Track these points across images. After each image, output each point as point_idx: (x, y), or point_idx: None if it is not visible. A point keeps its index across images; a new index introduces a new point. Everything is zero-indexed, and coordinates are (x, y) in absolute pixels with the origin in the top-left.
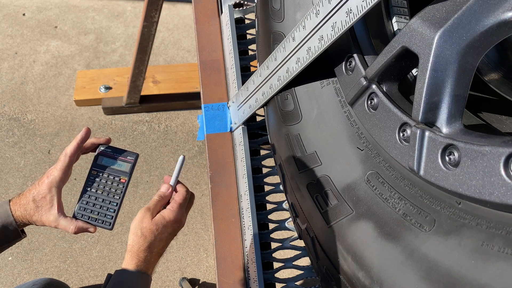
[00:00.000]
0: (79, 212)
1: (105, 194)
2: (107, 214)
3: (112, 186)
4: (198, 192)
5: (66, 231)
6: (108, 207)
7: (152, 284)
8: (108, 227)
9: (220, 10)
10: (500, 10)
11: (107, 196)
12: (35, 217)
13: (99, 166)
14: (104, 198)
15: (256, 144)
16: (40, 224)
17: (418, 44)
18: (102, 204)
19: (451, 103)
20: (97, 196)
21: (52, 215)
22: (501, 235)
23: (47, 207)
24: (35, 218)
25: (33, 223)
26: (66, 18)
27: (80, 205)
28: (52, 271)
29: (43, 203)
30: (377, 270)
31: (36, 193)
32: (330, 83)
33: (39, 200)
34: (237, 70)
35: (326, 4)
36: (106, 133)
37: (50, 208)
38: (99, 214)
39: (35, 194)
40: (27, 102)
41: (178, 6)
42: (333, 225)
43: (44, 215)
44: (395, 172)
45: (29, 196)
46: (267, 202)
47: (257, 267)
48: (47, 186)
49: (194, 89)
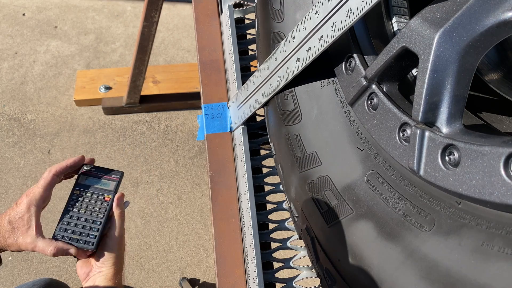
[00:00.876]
0: (59, 233)
1: (88, 214)
2: (90, 234)
3: (96, 205)
4: (198, 192)
5: (45, 253)
6: (91, 227)
7: (152, 284)
8: (90, 247)
9: (220, 10)
10: (500, 10)
11: (90, 216)
12: (10, 240)
13: (82, 186)
14: (87, 218)
15: (256, 144)
16: (15, 248)
17: (418, 44)
18: (84, 224)
19: (451, 103)
20: (79, 216)
21: (29, 236)
22: (501, 235)
23: (24, 229)
24: (9, 241)
25: (7, 248)
26: (66, 18)
27: (61, 226)
28: (52, 271)
29: (19, 224)
30: (377, 270)
31: (13, 214)
32: (330, 83)
33: (16, 221)
34: (237, 70)
35: (326, 4)
36: (106, 133)
37: (27, 230)
38: (81, 234)
39: (12, 216)
40: (27, 102)
41: (178, 6)
42: (333, 225)
43: (20, 236)
44: (395, 172)
45: (5, 218)
46: (267, 202)
47: (257, 267)
48: (25, 205)
49: (194, 89)
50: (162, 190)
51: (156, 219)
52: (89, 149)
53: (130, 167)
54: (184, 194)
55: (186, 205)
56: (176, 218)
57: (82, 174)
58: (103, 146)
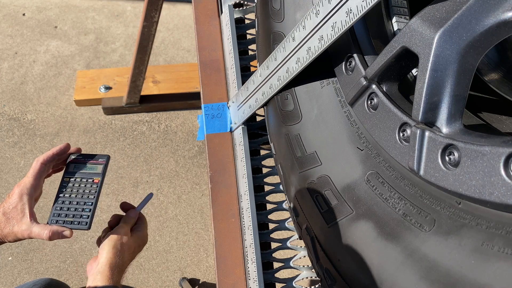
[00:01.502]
0: (53, 219)
1: (79, 197)
2: (82, 214)
3: (86, 188)
4: (198, 192)
5: (40, 237)
6: (83, 208)
7: (152, 284)
8: (84, 227)
9: (220, 10)
10: (500, 10)
11: (81, 198)
12: (6, 230)
13: (71, 173)
14: (79, 201)
15: (256, 144)
16: (12, 238)
17: (418, 44)
18: (76, 207)
19: (451, 103)
20: (71, 200)
21: (24, 223)
22: (501, 235)
23: (19, 217)
24: (6, 231)
25: (4, 238)
26: (66, 18)
27: (54, 212)
28: (52, 271)
29: (13, 214)
30: (377, 270)
31: (7, 205)
32: (330, 83)
33: (10, 212)
34: (237, 70)
35: (326, 4)
36: (106, 133)
37: (21, 218)
38: (74, 216)
39: (5, 207)
40: (27, 102)
41: (178, 6)
42: (333, 225)
43: (16, 225)
44: (395, 172)
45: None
46: (267, 202)
47: (257, 267)
48: (17, 195)
49: (194, 89)
50: (162, 190)
51: (156, 219)
52: (89, 149)
53: (130, 167)
54: (184, 194)
55: (186, 205)
56: (176, 218)
57: (70, 163)
58: (103, 146)
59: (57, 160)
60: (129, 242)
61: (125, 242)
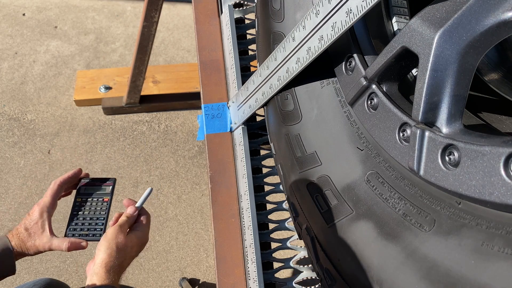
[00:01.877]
0: (69, 232)
1: (92, 213)
2: (96, 228)
3: (97, 205)
4: (198, 192)
5: (60, 249)
6: (96, 222)
7: (152, 284)
8: (98, 238)
9: (220, 10)
10: (500, 10)
11: (94, 214)
12: (29, 244)
13: (82, 194)
14: (92, 216)
15: (256, 144)
16: (33, 250)
17: (418, 44)
18: (90, 221)
19: (451, 103)
20: (84, 216)
21: (45, 237)
22: (501, 235)
23: (39, 232)
24: (28, 244)
25: (26, 251)
26: (66, 18)
27: (70, 226)
28: (52, 271)
29: (35, 229)
30: (377, 270)
31: (28, 221)
32: (330, 83)
33: (31, 227)
34: (237, 70)
35: (326, 4)
36: (106, 133)
37: (42, 232)
38: (88, 230)
39: (27, 223)
40: (27, 102)
41: (178, 6)
42: (333, 225)
43: (38, 239)
44: (395, 172)
45: (21, 226)
46: (267, 202)
47: (257, 267)
48: (38, 212)
49: (194, 89)
50: (162, 190)
51: (156, 219)
52: (89, 149)
53: (130, 167)
54: (184, 194)
55: (186, 205)
56: (176, 218)
57: (81, 186)
58: (103, 146)
59: (69, 183)
60: (125, 242)
61: (120, 241)
